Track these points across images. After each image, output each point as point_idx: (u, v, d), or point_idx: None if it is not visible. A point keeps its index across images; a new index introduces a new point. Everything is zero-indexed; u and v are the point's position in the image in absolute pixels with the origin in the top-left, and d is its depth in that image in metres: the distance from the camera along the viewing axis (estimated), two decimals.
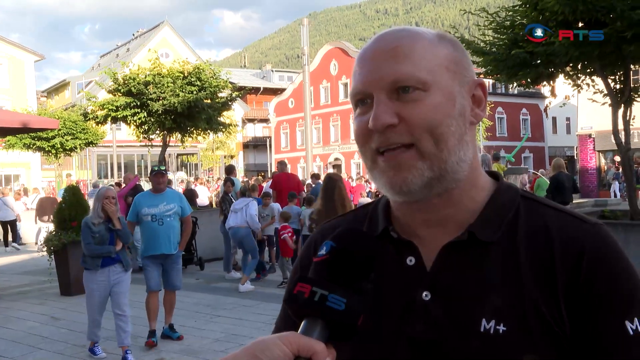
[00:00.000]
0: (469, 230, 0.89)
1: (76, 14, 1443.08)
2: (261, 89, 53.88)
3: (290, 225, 9.06)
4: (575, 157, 30.38)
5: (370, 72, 0.89)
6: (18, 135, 20.04)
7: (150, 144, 15.33)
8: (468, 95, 0.91)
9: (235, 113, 31.86)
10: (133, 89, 13.84)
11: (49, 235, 8.90)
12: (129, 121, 14.29)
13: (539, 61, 8.02)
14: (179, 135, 14.79)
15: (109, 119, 14.55)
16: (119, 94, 14.21)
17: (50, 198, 15.45)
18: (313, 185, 13.48)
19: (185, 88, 13.89)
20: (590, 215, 0.94)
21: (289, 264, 8.96)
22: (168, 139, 14.51)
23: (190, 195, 14.50)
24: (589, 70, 8.26)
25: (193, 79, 14.22)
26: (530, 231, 0.89)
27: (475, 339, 0.84)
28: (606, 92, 8.26)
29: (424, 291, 0.88)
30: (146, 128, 14.39)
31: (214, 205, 17.51)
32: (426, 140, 0.86)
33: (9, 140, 22.15)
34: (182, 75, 14.26)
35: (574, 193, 10.71)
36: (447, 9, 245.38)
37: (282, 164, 12.08)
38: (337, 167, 41.01)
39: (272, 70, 60.86)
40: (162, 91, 13.70)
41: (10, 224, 16.17)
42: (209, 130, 15.33)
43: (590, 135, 26.82)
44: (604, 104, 8.64)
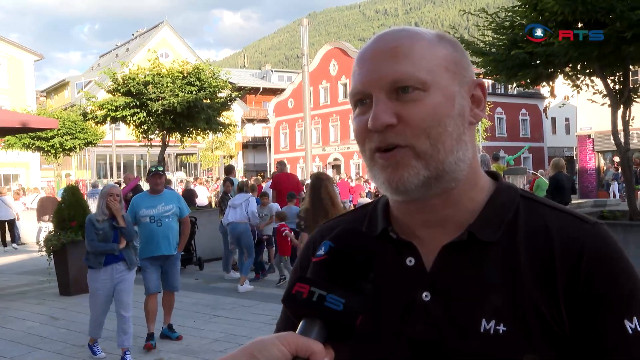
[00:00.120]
0: (468, 231, 0.89)
1: (76, 13, 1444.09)
2: (260, 89, 53.90)
3: (288, 225, 9.06)
4: (575, 158, 30.39)
5: (369, 72, 0.88)
6: (17, 135, 20.04)
7: (149, 144, 15.33)
8: (467, 95, 0.91)
9: (235, 113, 31.80)
10: (132, 89, 13.83)
11: (48, 235, 8.90)
12: (128, 121, 14.28)
13: (539, 62, 8.02)
14: (179, 135, 14.78)
15: (108, 119, 14.54)
16: (119, 94, 14.20)
17: (50, 198, 15.45)
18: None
19: (184, 88, 13.88)
20: (589, 216, 0.94)
21: (287, 263, 8.96)
22: (167, 139, 14.49)
23: (189, 196, 14.50)
24: (588, 70, 8.27)
25: (192, 79, 14.21)
26: (530, 231, 0.89)
27: (475, 339, 0.84)
28: (605, 93, 8.26)
29: (424, 291, 0.88)
30: (145, 128, 14.38)
31: (214, 206, 17.52)
32: (422, 141, 0.86)
33: (8, 140, 22.14)
34: (182, 75, 14.25)
35: (572, 194, 10.70)
36: (447, 9, 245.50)
37: (282, 164, 12.07)
38: (337, 168, 41.01)
39: (272, 71, 60.83)
40: (162, 91, 13.69)
41: (9, 224, 16.17)
42: (208, 131, 15.32)
43: (589, 136, 26.83)
44: (604, 104, 8.64)
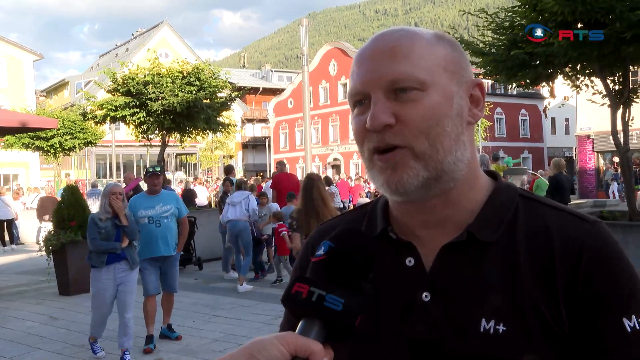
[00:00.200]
0: (467, 231, 0.89)
1: (75, 13, 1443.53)
2: (260, 89, 53.89)
3: (287, 225, 9.05)
4: (574, 158, 30.39)
5: (368, 72, 0.88)
6: (17, 135, 20.02)
7: (149, 144, 15.31)
8: (466, 95, 0.91)
9: (234, 113, 31.78)
10: (132, 88, 13.83)
11: (47, 235, 8.89)
12: (127, 121, 14.27)
13: (538, 62, 8.02)
14: (178, 135, 14.77)
15: (108, 119, 14.53)
16: (118, 93, 14.19)
17: (50, 198, 15.43)
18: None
19: (184, 88, 13.88)
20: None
21: (286, 263, 8.96)
22: (167, 139, 14.49)
23: (189, 195, 14.50)
24: (588, 71, 8.26)
25: (192, 79, 14.20)
26: (529, 231, 0.88)
27: (474, 339, 0.84)
28: (605, 93, 8.26)
29: (424, 292, 0.88)
30: (145, 128, 14.37)
31: (213, 205, 17.51)
32: (420, 141, 0.85)
33: (7, 140, 22.12)
34: (181, 75, 14.24)
35: (571, 194, 10.70)
36: (447, 9, 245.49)
37: (282, 164, 12.08)
38: (336, 168, 41.00)
39: (271, 71, 60.83)
40: (161, 91, 13.69)
41: (7, 223, 16.15)
42: (208, 130, 15.30)
43: (589, 136, 26.84)
44: (603, 104, 8.63)
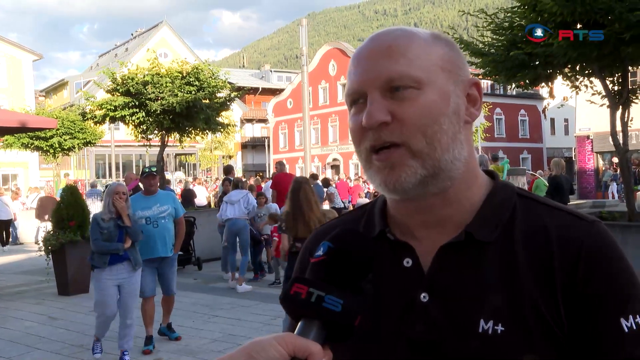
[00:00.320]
0: (465, 231, 0.89)
1: (75, 13, 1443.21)
2: (260, 89, 53.86)
3: None
4: (574, 159, 30.40)
5: (365, 71, 0.89)
6: (16, 135, 20.00)
7: (148, 144, 15.29)
8: (463, 94, 0.91)
9: (234, 113, 31.83)
10: (131, 88, 13.81)
11: (47, 234, 8.89)
12: (127, 121, 14.25)
13: (538, 62, 8.02)
14: (177, 135, 14.75)
15: (107, 119, 14.50)
16: (118, 93, 14.18)
17: (50, 197, 15.43)
18: (312, 185, 13.46)
19: (183, 88, 13.86)
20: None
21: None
22: (166, 139, 14.47)
23: (188, 196, 14.51)
24: (587, 71, 8.26)
25: (191, 79, 14.18)
26: (528, 231, 0.89)
27: (474, 339, 0.84)
28: (604, 94, 8.26)
29: (422, 292, 0.88)
30: (144, 128, 14.35)
31: (213, 206, 17.52)
32: (417, 139, 0.86)
33: (7, 140, 22.10)
34: (181, 75, 14.22)
35: (570, 194, 10.72)
36: (446, 10, 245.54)
37: (281, 164, 12.09)
38: (336, 168, 41.01)
39: (271, 71, 60.79)
40: (161, 91, 13.67)
41: (6, 224, 16.14)
42: (207, 130, 15.28)
43: (588, 137, 26.86)
44: (602, 105, 8.63)
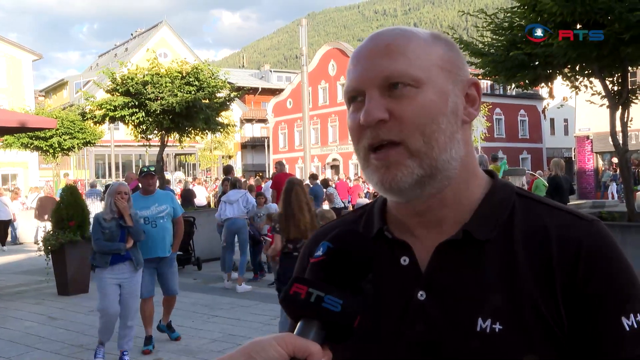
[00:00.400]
0: (464, 229, 0.89)
1: (75, 13, 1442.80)
2: (259, 89, 53.87)
3: None
4: (573, 159, 30.42)
5: (364, 70, 0.89)
6: (15, 135, 20.00)
7: (148, 144, 15.29)
8: (461, 94, 0.92)
9: (234, 113, 31.82)
10: (131, 88, 13.81)
11: (46, 234, 8.89)
12: (126, 121, 14.24)
13: (537, 63, 8.02)
14: (177, 135, 14.74)
15: (107, 119, 14.49)
16: (117, 93, 14.17)
17: (50, 197, 15.42)
18: (311, 185, 13.48)
19: (183, 88, 13.85)
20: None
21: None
22: (166, 139, 14.46)
23: (188, 196, 14.52)
24: (587, 71, 8.26)
25: (191, 79, 14.17)
26: (528, 230, 0.88)
27: (473, 339, 0.84)
28: (604, 94, 8.26)
29: (420, 290, 0.88)
30: (144, 128, 14.34)
31: (212, 206, 17.52)
32: (415, 138, 0.86)
33: (6, 140, 22.08)
34: (181, 75, 14.22)
35: (570, 194, 10.73)
36: (446, 10, 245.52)
37: (281, 164, 12.12)
38: (335, 168, 41.02)
39: (271, 71, 60.80)
40: (160, 91, 13.67)
41: (5, 224, 16.13)
42: (207, 130, 15.27)
43: (588, 137, 26.86)
44: (602, 105, 8.64)
